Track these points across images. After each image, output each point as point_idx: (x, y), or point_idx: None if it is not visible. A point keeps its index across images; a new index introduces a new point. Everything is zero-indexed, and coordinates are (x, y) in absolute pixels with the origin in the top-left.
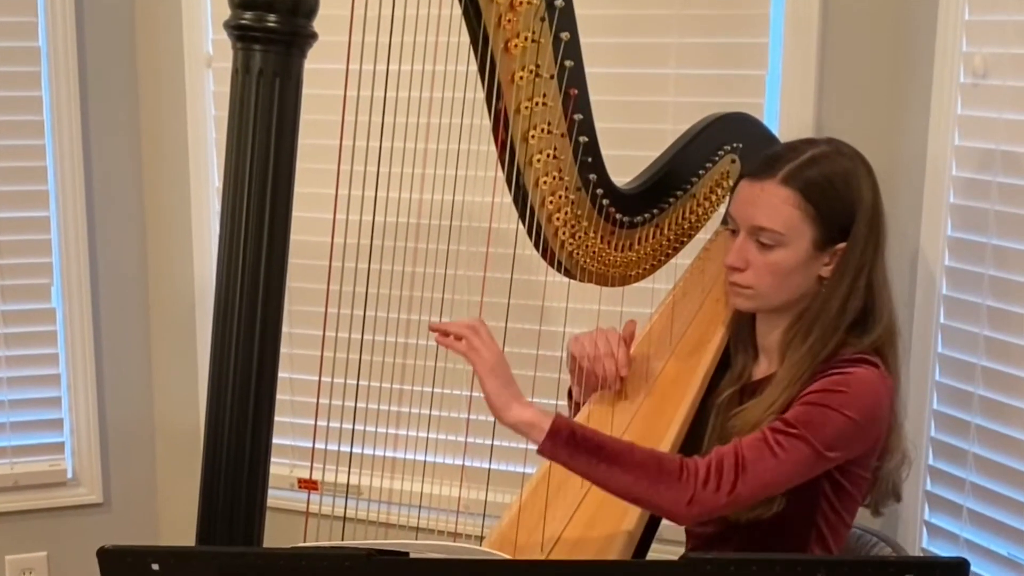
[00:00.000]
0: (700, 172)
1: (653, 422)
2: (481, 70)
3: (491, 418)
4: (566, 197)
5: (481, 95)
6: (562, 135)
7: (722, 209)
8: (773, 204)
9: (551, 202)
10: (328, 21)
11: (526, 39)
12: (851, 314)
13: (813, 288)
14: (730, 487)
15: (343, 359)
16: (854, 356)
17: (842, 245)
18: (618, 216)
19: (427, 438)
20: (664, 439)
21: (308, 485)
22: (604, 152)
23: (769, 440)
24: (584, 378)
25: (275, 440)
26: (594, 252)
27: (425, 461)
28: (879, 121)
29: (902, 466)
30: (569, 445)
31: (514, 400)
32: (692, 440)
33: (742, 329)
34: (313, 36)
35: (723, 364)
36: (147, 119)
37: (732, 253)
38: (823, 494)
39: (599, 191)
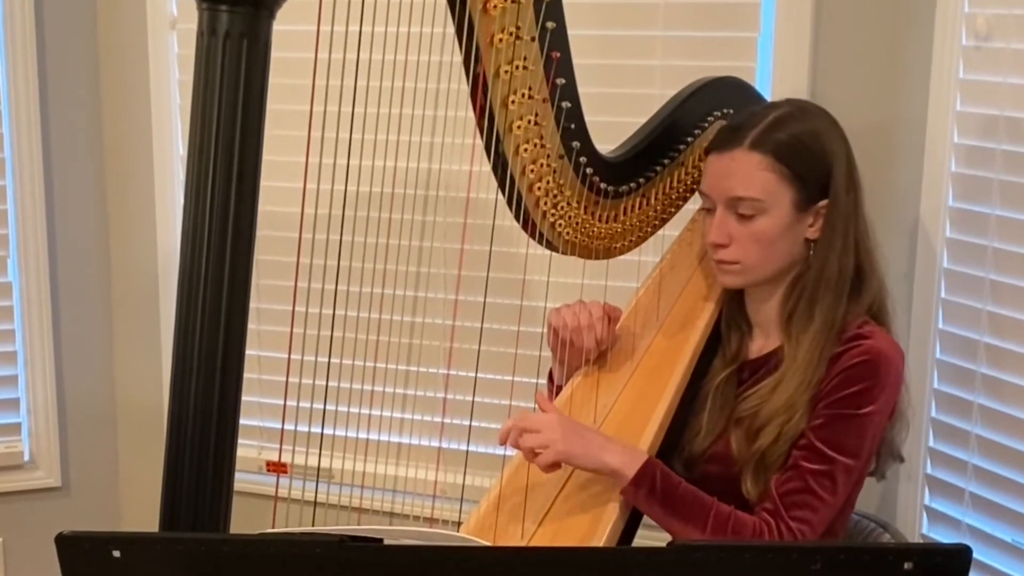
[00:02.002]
0: (689, 139)
1: (639, 401)
2: (459, 32)
3: (468, 397)
4: (548, 165)
5: (459, 58)
6: (543, 100)
7: None
8: (746, 171)
9: (532, 171)
10: None
11: (506, 0)
12: (849, 273)
13: (802, 252)
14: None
15: (313, 335)
16: (863, 329)
17: (824, 202)
18: (603, 185)
19: (402, 419)
20: (651, 419)
21: (277, 468)
22: (588, 118)
23: (814, 488)
24: (565, 353)
25: (242, 421)
26: (577, 223)
27: (400, 443)
28: (877, 86)
29: (902, 427)
30: (650, 497)
31: (599, 450)
32: (682, 419)
33: (732, 306)
34: None
35: (713, 340)
36: (108, 84)
37: (712, 230)
38: None
39: (583, 159)
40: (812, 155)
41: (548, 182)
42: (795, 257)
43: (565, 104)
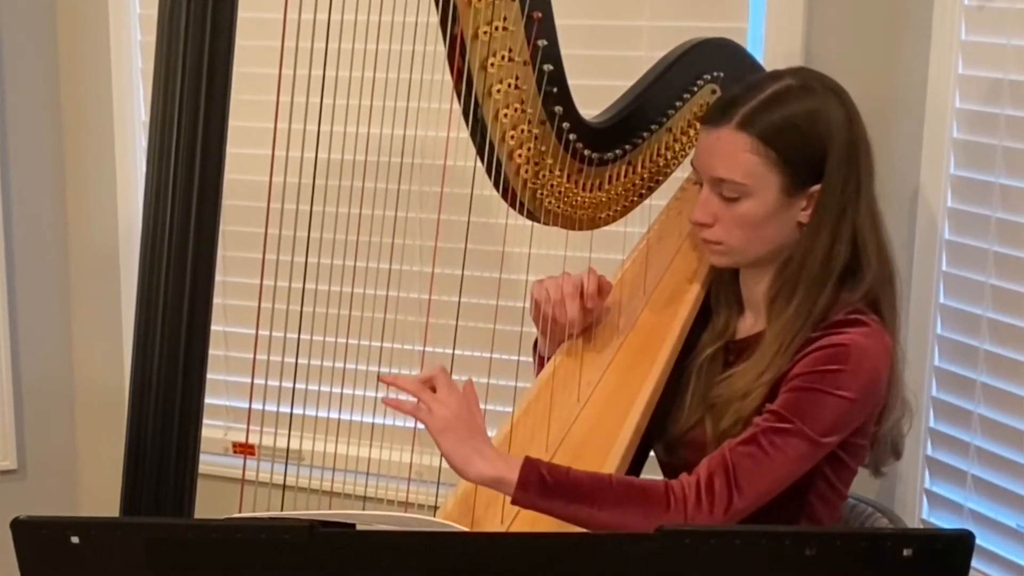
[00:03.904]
0: (677, 104)
1: (626, 377)
2: None
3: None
4: (529, 132)
5: (435, 19)
6: (524, 63)
7: None
8: (730, 153)
9: (512, 137)
10: None
11: None
12: (839, 264)
13: (794, 235)
14: (725, 504)
15: (282, 310)
16: (847, 316)
17: (817, 187)
18: (586, 152)
19: (375, 397)
20: (639, 395)
21: (244, 449)
22: (571, 82)
23: (762, 443)
24: (549, 327)
25: (207, 400)
26: (560, 192)
27: (373, 423)
28: (875, 47)
29: (903, 419)
30: (543, 493)
31: (475, 455)
32: (669, 398)
33: (725, 281)
34: None
35: (703, 315)
36: (65, 46)
37: (697, 208)
38: (817, 468)
39: (565, 125)
40: (804, 138)
41: (529, 149)
42: (785, 240)
43: (547, 67)
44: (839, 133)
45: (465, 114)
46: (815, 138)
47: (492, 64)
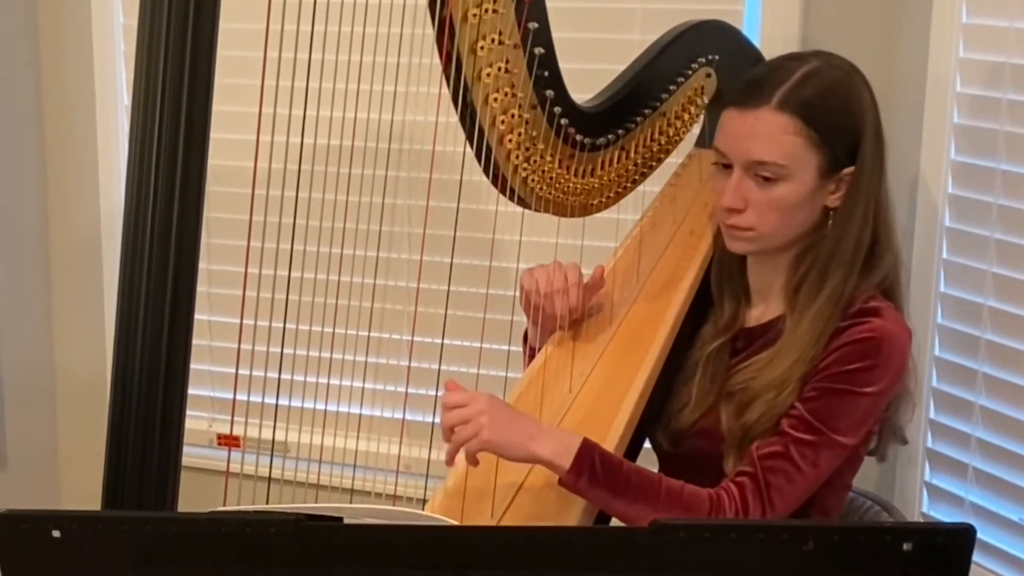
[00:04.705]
0: (671, 88)
1: (619, 368)
2: None
3: (434, 366)
4: (519, 116)
5: (423, 1)
6: (515, 46)
7: (696, 130)
8: (771, 134)
9: (503, 122)
10: None
11: None
12: (865, 248)
13: (818, 221)
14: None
15: (267, 299)
16: (868, 304)
17: (849, 169)
18: (578, 137)
19: (363, 389)
20: (631, 389)
21: (228, 441)
22: (563, 65)
23: (794, 457)
24: (539, 317)
25: (191, 391)
26: (551, 178)
27: (361, 415)
28: (874, 31)
29: (907, 408)
30: (592, 481)
31: (528, 441)
32: (663, 390)
33: (729, 271)
34: None
35: (697, 304)
36: (46, 29)
37: (728, 193)
38: None
39: (557, 109)
40: (841, 117)
41: (520, 134)
42: (811, 225)
43: (538, 50)
44: (869, 113)
45: (454, 98)
46: (851, 119)
47: (482, 47)
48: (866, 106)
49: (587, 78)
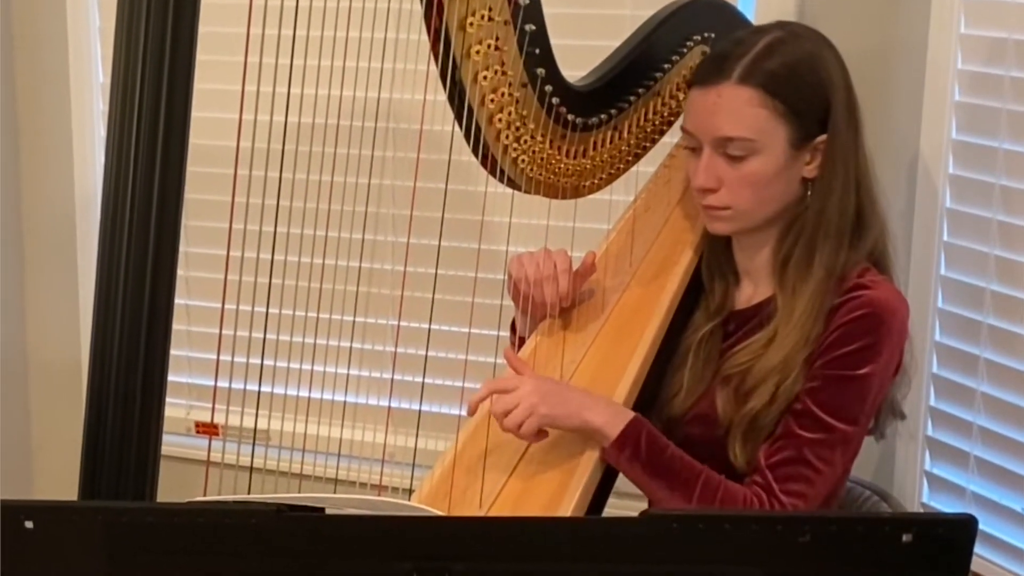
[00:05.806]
0: (666, 66)
1: (611, 356)
2: None
3: (421, 351)
4: (510, 95)
5: None
6: (505, 22)
7: None
8: (735, 108)
9: (492, 100)
10: None
11: None
12: (850, 216)
13: (798, 193)
14: None
15: (249, 283)
16: (865, 278)
17: (823, 137)
18: (570, 117)
19: (347, 375)
20: (623, 377)
21: (208, 430)
22: (554, 42)
23: (809, 459)
24: (528, 306)
25: (170, 378)
26: (542, 159)
27: (345, 402)
28: (872, 6)
29: (903, 381)
30: (633, 458)
31: (582, 411)
32: (656, 377)
33: (716, 253)
34: None
35: (692, 289)
36: (18, 2)
37: (699, 173)
38: None
39: (548, 88)
40: (808, 86)
41: (510, 113)
42: (791, 199)
43: (529, 27)
44: (838, 79)
45: (443, 76)
46: (818, 85)
47: (471, 24)
48: (833, 72)
49: (579, 55)
